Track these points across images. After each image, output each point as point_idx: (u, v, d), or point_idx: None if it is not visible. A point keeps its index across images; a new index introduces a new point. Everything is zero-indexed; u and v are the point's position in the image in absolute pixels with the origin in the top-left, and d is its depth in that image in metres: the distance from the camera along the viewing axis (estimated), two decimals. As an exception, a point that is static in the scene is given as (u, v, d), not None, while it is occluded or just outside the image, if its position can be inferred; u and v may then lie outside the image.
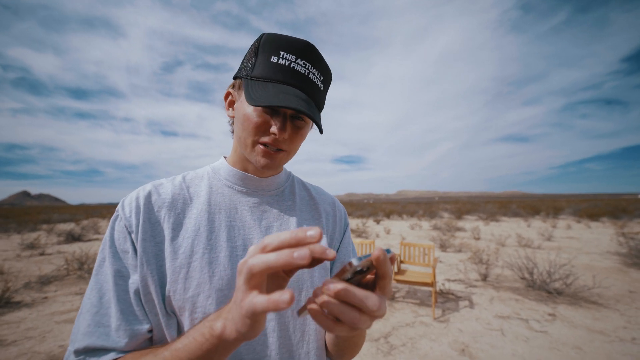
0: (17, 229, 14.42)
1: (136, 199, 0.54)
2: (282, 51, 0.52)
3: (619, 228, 12.23)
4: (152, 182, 0.59)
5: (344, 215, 0.74)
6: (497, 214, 22.97)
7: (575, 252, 7.73)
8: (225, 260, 0.53)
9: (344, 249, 0.69)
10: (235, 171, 0.62)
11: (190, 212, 0.56)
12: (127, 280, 0.50)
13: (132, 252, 0.51)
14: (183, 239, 0.53)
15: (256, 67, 0.53)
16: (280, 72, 0.52)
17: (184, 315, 0.50)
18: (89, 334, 0.46)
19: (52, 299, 4.44)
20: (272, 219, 0.62)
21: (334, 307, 0.30)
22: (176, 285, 0.50)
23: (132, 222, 0.52)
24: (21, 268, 6.37)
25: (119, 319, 0.47)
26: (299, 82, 0.53)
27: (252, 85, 0.52)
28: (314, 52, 0.54)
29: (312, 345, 0.57)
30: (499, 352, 2.85)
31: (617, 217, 18.27)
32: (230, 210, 0.59)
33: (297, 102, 0.49)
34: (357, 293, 0.30)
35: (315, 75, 0.55)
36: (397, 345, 3.02)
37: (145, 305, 0.50)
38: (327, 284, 0.30)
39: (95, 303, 0.48)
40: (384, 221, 20.71)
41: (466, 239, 10.51)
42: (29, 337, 3.18)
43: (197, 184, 0.61)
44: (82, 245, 9.28)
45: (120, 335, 0.47)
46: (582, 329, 3.32)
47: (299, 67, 0.52)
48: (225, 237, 0.55)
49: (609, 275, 5.42)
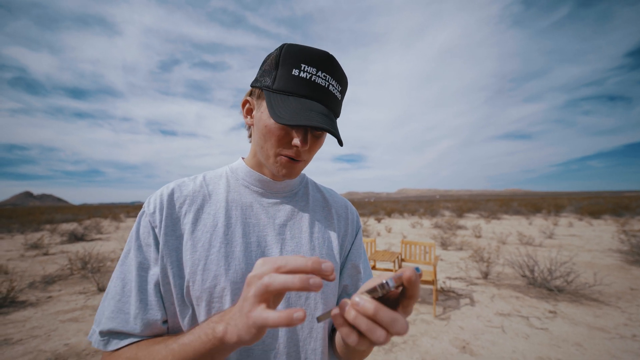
0: (20, 229, 14.51)
1: (160, 196, 0.59)
2: (303, 64, 0.53)
3: (620, 225, 12.21)
4: (175, 180, 0.64)
5: (357, 218, 0.76)
6: (498, 212, 22.93)
7: (576, 250, 7.72)
8: (240, 255, 0.56)
9: (355, 252, 0.71)
10: (253, 173, 0.65)
11: (209, 208, 0.60)
12: (148, 271, 0.54)
13: (154, 246, 0.55)
14: (202, 233, 0.56)
15: (278, 79, 0.54)
16: (301, 85, 0.53)
17: (201, 305, 0.53)
18: (112, 318, 0.51)
19: (56, 298, 4.49)
20: (286, 218, 0.64)
21: (362, 324, 0.31)
22: (195, 276, 0.53)
23: (155, 218, 0.56)
24: (25, 268, 6.42)
25: (137, 308, 0.51)
26: (320, 95, 0.54)
27: (275, 99, 0.54)
28: (334, 63, 0.55)
29: (319, 342, 0.59)
30: (500, 349, 2.87)
31: (619, 214, 18.21)
32: (245, 208, 0.62)
33: (320, 120, 0.51)
34: (387, 315, 0.31)
35: (334, 87, 0.56)
36: (398, 342, 3.04)
37: (163, 296, 0.54)
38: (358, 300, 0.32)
39: (119, 291, 0.53)
40: (385, 220, 20.72)
41: (467, 237, 10.50)
42: (34, 336, 3.22)
43: (216, 182, 0.65)
44: (85, 245, 9.33)
45: (137, 322, 0.51)
46: (583, 326, 3.33)
47: (319, 79, 0.54)
48: (240, 232, 0.58)
49: (610, 273, 5.42)
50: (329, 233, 0.66)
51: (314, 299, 0.59)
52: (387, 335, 0.31)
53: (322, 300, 0.59)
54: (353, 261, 0.68)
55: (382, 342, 0.31)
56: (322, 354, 0.59)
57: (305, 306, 0.57)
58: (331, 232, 0.67)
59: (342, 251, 0.68)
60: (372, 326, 0.31)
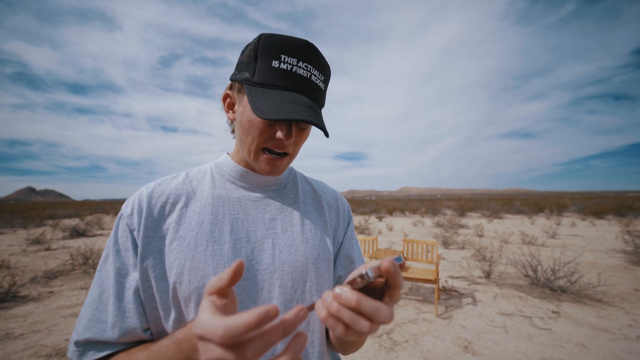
0: (23, 224, 14.61)
1: (138, 197, 0.56)
2: (282, 54, 0.51)
3: (624, 226, 12.12)
4: (155, 180, 0.61)
5: (347, 209, 0.75)
6: (500, 211, 22.84)
7: (579, 250, 7.67)
8: (229, 252, 0.53)
9: (348, 243, 0.70)
10: (239, 168, 0.63)
11: (193, 205, 0.57)
12: (127, 277, 0.52)
13: (132, 250, 0.52)
14: (187, 231, 0.54)
15: (257, 72, 0.52)
16: (282, 77, 0.52)
17: (190, 306, 0.50)
18: (89, 327, 0.49)
19: (57, 293, 4.50)
20: (276, 211, 0.62)
21: (345, 316, 0.31)
22: (182, 277, 0.50)
23: (133, 220, 0.53)
24: (27, 263, 6.45)
25: (115, 316, 0.49)
26: (302, 87, 0.53)
27: (256, 93, 0.52)
28: (315, 52, 0.53)
29: (316, 335, 0.58)
30: (502, 349, 2.84)
31: (622, 214, 18.08)
32: (233, 204, 0.60)
33: (305, 113, 0.49)
34: (369, 305, 0.31)
35: (317, 77, 0.55)
36: (400, 341, 3.02)
37: (144, 301, 0.51)
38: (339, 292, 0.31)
39: (96, 298, 0.51)
40: (387, 218, 20.69)
41: (469, 236, 10.46)
42: (35, 331, 3.23)
43: (201, 179, 0.62)
44: (86, 241, 9.36)
45: (115, 331, 0.49)
46: (587, 326, 3.30)
47: (301, 70, 0.52)
48: (228, 229, 0.56)
49: (614, 273, 5.37)
50: (320, 225, 0.65)
51: (309, 291, 0.58)
52: (371, 325, 0.31)
53: (317, 294, 0.58)
54: (346, 252, 0.68)
55: (367, 332, 0.31)
56: (320, 345, 0.59)
57: (301, 300, 0.57)
58: (323, 224, 0.66)
59: (335, 242, 0.68)
60: (356, 317, 0.31)
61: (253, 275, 0.54)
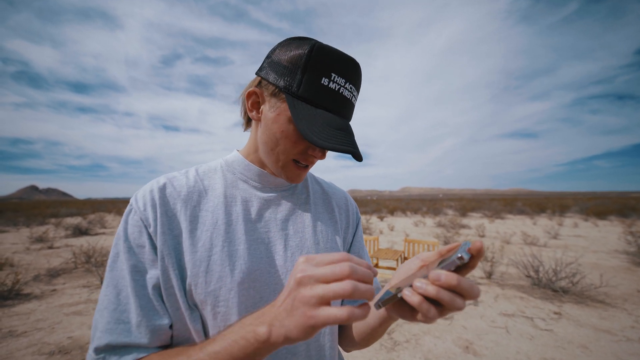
0: (26, 222, 14.70)
1: (150, 192, 0.53)
2: (334, 73, 0.50)
3: (627, 226, 12.04)
4: (165, 175, 0.58)
5: (356, 210, 0.75)
6: (502, 212, 22.75)
7: (582, 251, 7.63)
8: (244, 253, 0.53)
9: (358, 244, 0.71)
10: (254, 167, 0.62)
11: (206, 204, 0.56)
12: (145, 275, 0.49)
13: (149, 246, 0.50)
14: (201, 232, 0.52)
15: (304, 85, 0.50)
16: (330, 98, 0.51)
17: (206, 309, 0.49)
18: (109, 331, 0.45)
19: (60, 291, 4.53)
20: (288, 212, 0.62)
21: (445, 296, 0.34)
22: (197, 279, 0.49)
23: (148, 215, 0.50)
24: (30, 261, 6.49)
25: (139, 315, 0.46)
26: (344, 109, 0.53)
27: (300, 108, 0.50)
28: (360, 74, 0.54)
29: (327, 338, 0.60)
30: (504, 350, 2.84)
31: (625, 215, 17.97)
32: (246, 203, 0.59)
33: (352, 143, 0.51)
34: (467, 283, 0.35)
35: (355, 97, 0.55)
36: (401, 341, 3.02)
37: (166, 300, 0.49)
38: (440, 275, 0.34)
39: (113, 300, 0.47)
40: (388, 218, 20.67)
41: (471, 237, 10.42)
42: (38, 329, 3.25)
43: (211, 176, 0.61)
44: (89, 239, 9.41)
45: (142, 331, 0.46)
46: (589, 328, 3.28)
47: (346, 92, 0.52)
48: (242, 229, 0.55)
49: (617, 274, 5.34)
50: (331, 226, 0.66)
51: None
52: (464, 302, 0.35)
53: None
54: (356, 253, 0.69)
55: (462, 308, 0.35)
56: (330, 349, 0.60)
57: None
58: (334, 225, 0.66)
59: (345, 243, 0.68)
60: (454, 297, 0.35)
61: (265, 277, 0.54)
